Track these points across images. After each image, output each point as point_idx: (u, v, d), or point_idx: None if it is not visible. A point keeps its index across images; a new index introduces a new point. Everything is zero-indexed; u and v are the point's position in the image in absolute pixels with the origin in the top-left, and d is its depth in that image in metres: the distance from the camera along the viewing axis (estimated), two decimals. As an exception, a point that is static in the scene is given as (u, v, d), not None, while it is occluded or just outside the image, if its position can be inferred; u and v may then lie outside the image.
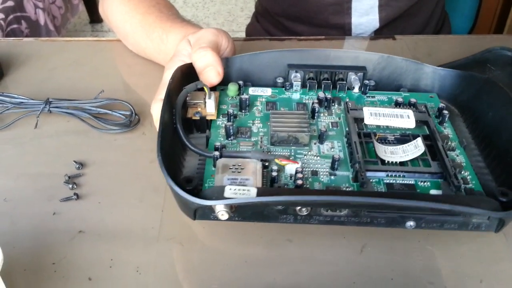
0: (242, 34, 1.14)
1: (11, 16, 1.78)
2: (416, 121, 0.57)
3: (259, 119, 0.60)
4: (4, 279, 0.45)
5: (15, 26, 1.80)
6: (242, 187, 0.46)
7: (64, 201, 0.56)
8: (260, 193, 0.46)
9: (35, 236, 0.52)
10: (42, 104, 0.66)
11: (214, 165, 0.52)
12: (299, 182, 0.50)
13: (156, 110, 0.57)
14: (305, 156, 0.55)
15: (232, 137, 0.57)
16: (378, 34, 0.96)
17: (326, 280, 0.48)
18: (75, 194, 0.56)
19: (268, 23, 1.08)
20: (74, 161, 0.60)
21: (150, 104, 0.69)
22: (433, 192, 0.51)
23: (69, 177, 0.58)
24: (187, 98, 0.58)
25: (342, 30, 0.95)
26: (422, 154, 0.54)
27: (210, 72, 0.59)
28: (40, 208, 0.55)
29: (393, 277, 0.48)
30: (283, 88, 0.65)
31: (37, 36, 1.85)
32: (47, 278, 0.48)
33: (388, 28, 0.95)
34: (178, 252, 0.51)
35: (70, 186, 0.57)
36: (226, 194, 0.46)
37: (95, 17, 2.76)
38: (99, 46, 0.86)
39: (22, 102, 0.67)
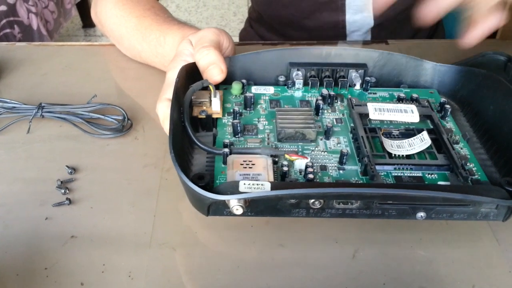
0: (235, 39, 1.14)
1: (3, 21, 1.77)
2: (420, 116, 0.58)
3: (264, 116, 0.60)
4: (-5, 284, 0.45)
5: (7, 30, 1.79)
6: (256, 182, 0.46)
7: (57, 206, 0.56)
8: (274, 187, 0.46)
9: (27, 241, 0.52)
10: (34, 109, 0.66)
11: (224, 162, 0.52)
12: (310, 176, 0.50)
13: (162, 109, 0.57)
14: (313, 152, 0.55)
15: (239, 135, 0.57)
16: (372, 34, 0.96)
17: (318, 285, 0.48)
18: (67, 199, 0.56)
19: (262, 28, 1.08)
20: (67, 166, 0.60)
21: (143, 108, 0.69)
22: (441, 184, 0.51)
23: (61, 182, 0.58)
24: (192, 97, 0.58)
25: (337, 28, 0.95)
26: (428, 147, 0.54)
27: (214, 70, 0.59)
28: (32, 213, 0.55)
29: (385, 282, 0.49)
30: (285, 86, 0.65)
31: (30, 41, 1.86)
32: (40, 283, 0.48)
33: (382, 29, 0.96)
34: (170, 257, 0.51)
35: (63, 191, 0.57)
36: (241, 189, 0.46)
37: (88, 22, 2.76)
38: (92, 51, 0.86)
39: (14, 107, 0.67)
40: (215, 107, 0.59)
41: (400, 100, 0.62)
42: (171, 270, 0.50)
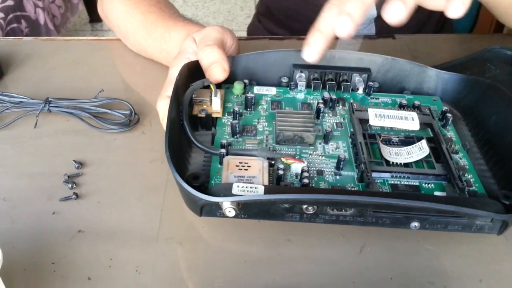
0: (242, 33, 1.14)
1: (11, 15, 1.78)
2: (420, 124, 0.57)
3: (264, 118, 0.60)
4: (3, 278, 0.45)
5: (14, 25, 1.80)
6: (250, 185, 0.46)
7: (64, 201, 0.56)
8: (267, 191, 0.46)
9: (34, 236, 0.52)
10: (41, 104, 0.66)
11: (220, 163, 0.52)
12: (305, 181, 0.50)
13: (162, 107, 0.57)
14: (310, 156, 0.55)
15: (237, 135, 0.57)
16: (376, 26, 0.96)
17: (325, 280, 0.48)
18: (74, 193, 0.56)
19: (270, 22, 1.08)
20: (74, 161, 0.60)
21: (150, 103, 0.69)
22: (437, 194, 0.51)
23: (68, 176, 0.58)
24: (193, 95, 0.58)
25: None
26: (426, 156, 0.54)
27: (216, 68, 0.59)
28: (39, 208, 0.55)
29: (392, 276, 0.48)
30: (288, 88, 0.65)
31: (37, 35, 1.85)
32: (47, 278, 0.48)
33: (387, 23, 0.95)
34: (177, 252, 0.51)
35: (70, 185, 0.57)
36: (234, 191, 0.46)
37: (94, 17, 2.76)
38: (99, 46, 0.85)
39: (21, 102, 0.67)
40: (215, 106, 0.59)
41: (401, 107, 0.62)
42: (178, 265, 0.50)
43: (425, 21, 1.01)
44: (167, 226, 0.53)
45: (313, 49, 0.52)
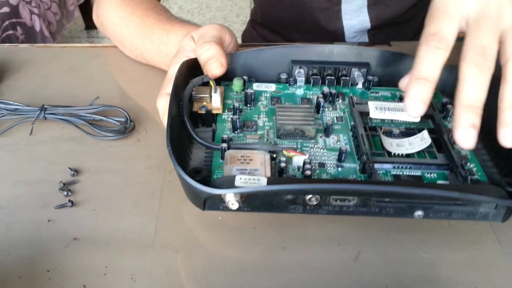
0: (238, 40, 1.14)
1: (6, 22, 1.78)
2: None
3: (264, 113, 0.60)
4: (-2, 286, 0.45)
5: (10, 32, 1.80)
6: (252, 177, 0.46)
7: (59, 208, 0.56)
8: (270, 182, 0.46)
9: (29, 243, 0.52)
10: (37, 111, 0.66)
11: (222, 157, 0.52)
12: (308, 172, 0.50)
13: (162, 104, 0.58)
14: (312, 149, 0.55)
15: (238, 130, 0.57)
16: (371, 38, 0.96)
17: (321, 287, 0.48)
18: (70, 201, 0.56)
19: (265, 29, 1.08)
20: (69, 168, 0.60)
21: (146, 110, 0.69)
22: (439, 183, 0.51)
23: (64, 184, 0.58)
24: (193, 92, 0.58)
25: (336, 35, 0.95)
26: (428, 147, 0.54)
27: (214, 63, 0.59)
28: (34, 215, 0.55)
29: (387, 284, 0.48)
30: (287, 84, 0.65)
31: (33, 42, 1.86)
32: (42, 286, 0.48)
33: (378, 32, 0.95)
34: (173, 259, 0.51)
35: (65, 193, 0.57)
36: (236, 183, 0.46)
37: (90, 23, 2.75)
38: (95, 52, 0.86)
39: (17, 109, 0.67)
40: (215, 102, 0.59)
41: (401, 99, 0.62)
42: (173, 272, 0.50)
43: (419, 30, 1.01)
44: (162, 233, 0.53)
45: (419, 101, 0.48)
